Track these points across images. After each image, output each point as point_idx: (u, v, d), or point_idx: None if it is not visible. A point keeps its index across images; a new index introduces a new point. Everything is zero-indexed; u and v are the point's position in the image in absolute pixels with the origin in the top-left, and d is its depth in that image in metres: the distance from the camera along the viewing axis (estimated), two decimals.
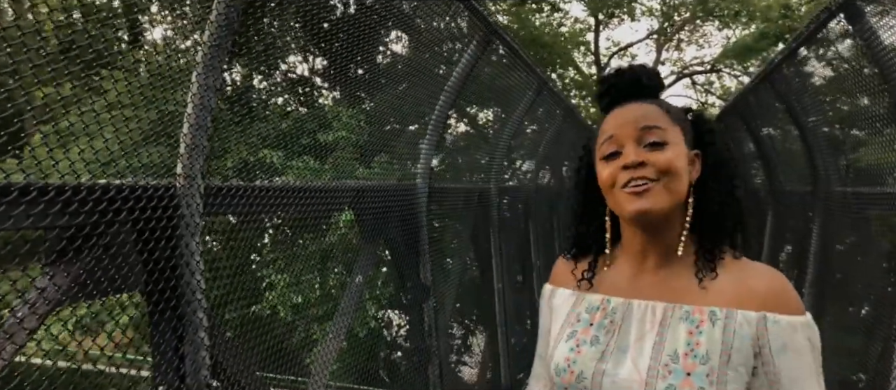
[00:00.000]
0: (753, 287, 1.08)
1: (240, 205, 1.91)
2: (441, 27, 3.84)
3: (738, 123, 7.15)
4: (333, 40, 3.70)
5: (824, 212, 4.48)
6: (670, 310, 1.11)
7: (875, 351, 3.47)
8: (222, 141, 3.31)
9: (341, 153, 3.87)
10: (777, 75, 4.68)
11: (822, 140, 4.38)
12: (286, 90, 3.93)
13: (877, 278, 3.48)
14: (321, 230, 2.85)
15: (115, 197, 1.55)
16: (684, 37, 20.65)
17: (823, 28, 3.31)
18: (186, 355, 1.68)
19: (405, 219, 3.64)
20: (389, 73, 3.83)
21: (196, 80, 1.63)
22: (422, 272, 3.76)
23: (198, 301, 1.69)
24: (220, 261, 2.05)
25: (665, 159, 1.10)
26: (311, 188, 2.31)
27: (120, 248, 1.60)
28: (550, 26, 18.21)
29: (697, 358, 1.04)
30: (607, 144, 1.16)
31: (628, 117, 1.16)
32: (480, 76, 4.31)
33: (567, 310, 1.25)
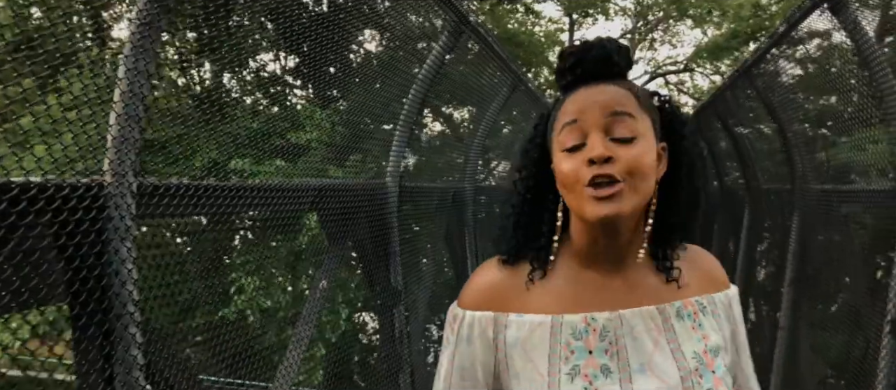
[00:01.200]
0: (706, 269, 1.10)
1: (181, 206, 1.71)
2: (412, 20, 3.68)
3: (714, 121, 7.12)
4: (299, 37, 3.51)
5: (803, 210, 4.42)
6: (664, 311, 1.02)
7: (859, 349, 3.41)
8: (191, 139, 3.11)
9: (313, 153, 3.69)
10: (757, 70, 4.60)
11: (800, 136, 4.31)
12: (244, 88, 3.73)
13: (857, 277, 3.41)
14: (279, 231, 2.66)
15: (33, 196, 1.35)
16: (658, 36, 20.80)
17: (805, 18, 3.22)
18: (116, 375, 1.48)
19: (374, 221, 3.46)
20: (357, 69, 3.66)
21: (124, 64, 1.44)
22: (392, 276, 3.59)
23: (129, 314, 1.50)
24: (164, 266, 1.86)
25: (635, 156, 0.95)
26: (265, 187, 2.12)
27: (39, 255, 1.40)
28: (526, 27, 18.17)
29: (712, 352, 1.01)
30: (570, 132, 0.99)
31: (596, 101, 0.98)
32: (453, 74, 4.15)
33: (546, 342, 1.01)
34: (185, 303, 2.16)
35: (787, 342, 4.56)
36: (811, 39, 3.51)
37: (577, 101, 1.01)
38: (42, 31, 1.61)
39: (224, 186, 1.90)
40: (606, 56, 1.01)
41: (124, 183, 1.49)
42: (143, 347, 1.54)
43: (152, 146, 2.99)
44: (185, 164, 3.05)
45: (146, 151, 2.67)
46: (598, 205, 0.94)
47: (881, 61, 2.58)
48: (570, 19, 20.04)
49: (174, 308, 1.94)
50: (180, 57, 3.65)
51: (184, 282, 2.42)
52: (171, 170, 3.09)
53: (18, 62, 1.59)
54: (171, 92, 3.38)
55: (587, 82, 1.02)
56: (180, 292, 2.07)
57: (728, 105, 6.02)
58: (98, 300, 1.41)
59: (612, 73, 1.02)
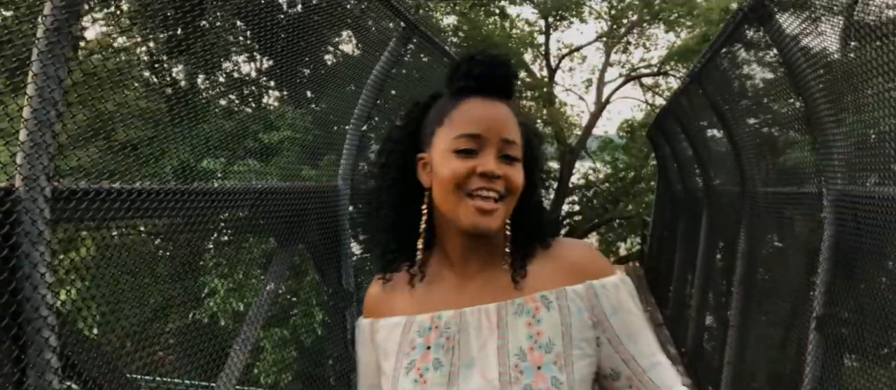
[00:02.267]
0: (569, 260, 1.10)
1: (102, 210, 1.74)
2: (362, 25, 3.72)
3: (674, 125, 7.25)
4: (252, 39, 3.53)
5: (751, 212, 4.54)
6: (503, 309, 1.06)
7: (793, 343, 3.53)
8: (160, 142, 3.11)
9: (282, 157, 3.71)
10: (704, 77, 4.72)
11: (746, 140, 4.43)
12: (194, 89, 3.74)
13: (794, 276, 3.52)
14: (217, 236, 2.68)
15: None
16: (632, 39, 21.03)
17: (739, 29, 3.32)
18: (28, 380, 1.50)
19: (325, 223, 3.49)
20: (308, 73, 3.69)
21: (33, 70, 1.46)
22: (344, 277, 3.63)
23: (42, 318, 1.52)
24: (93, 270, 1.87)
25: (517, 179, 1.06)
26: (199, 191, 2.15)
27: None
28: (502, 29, 18.28)
29: (542, 347, 1.03)
30: (468, 140, 1.04)
31: (496, 120, 1.06)
32: (404, 75, 4.20)
33: (397, 340, 1.11)
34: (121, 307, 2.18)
35: (737, 340, 4.68)
36: (746, 48, 3.62)
37: (481, 113, 1.06)
38: None
39: (151, 190, 1.93)
40: (507, 76, 1.11)
41: (36, 187, 1.51)
42: (58, 351, 1.56)
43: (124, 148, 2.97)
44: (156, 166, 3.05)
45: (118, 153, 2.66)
46: (478, 216, 1.03)
47: (804, 70, 2.68)
48: (546, 22, 20.22)
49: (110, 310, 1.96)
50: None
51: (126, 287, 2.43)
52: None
53: None
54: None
55: (483, 95, 1.08)
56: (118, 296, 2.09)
57: (684, 110, 6.15)
58: (5, 305, 1.43)
59: (508, 92, 1.11)
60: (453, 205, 1.05)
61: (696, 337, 6.57)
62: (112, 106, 2.71)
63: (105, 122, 2.66)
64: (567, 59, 21.54)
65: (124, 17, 2.97)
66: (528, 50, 19.98)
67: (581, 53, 21.55)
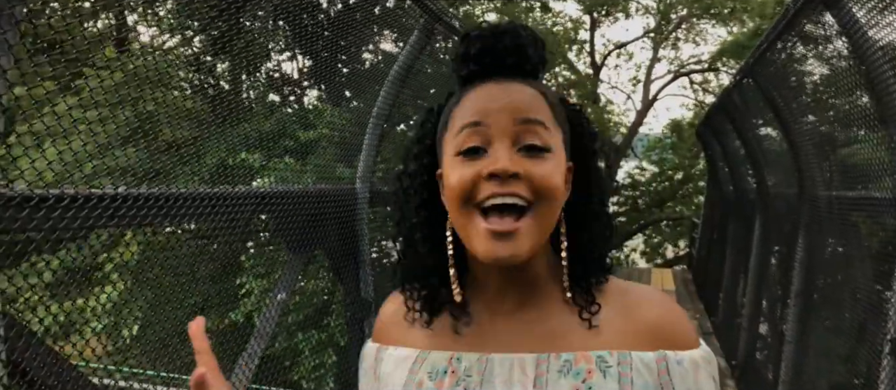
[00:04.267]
0: (643, 318, 0.84)
1: (66, 219, 1.56)
2: (384, 18, 3.53)
3: (725, 123, 6.82)
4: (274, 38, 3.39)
5: (810, 217, 4.13)
6: (545, 363, 0.81)
7: (862, 366, 3.16)
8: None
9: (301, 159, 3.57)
10: (758, 71, 4.33)
11: (805, 139, 4.03)
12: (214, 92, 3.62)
13: (863, 290, 3.14)
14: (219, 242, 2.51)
15: None
16: (681, 34, 20.32)
17: (800, 15, 2.96)
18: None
19: (343, 228, 3.29)
20: (329, 69, 3.51)
21: None
22: (362, 286, 3.42)
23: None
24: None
25: (545, 174, 0.78)
26: (183, 195, 1.95)
27: None
28: (544, 25, 17.90)
29: None
30: (469, 134, 0.80)
31: (506, 101, 0.80)
32: (430, 72, 3.98)
33: (402, 379, 0.87)
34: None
35: (794, 357, 4.28)
36: (809, 38, 3.25)
37: (481, 99, 0.82)
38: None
39: (126, 195, 1.74)
40: (520, 47, 0.84)
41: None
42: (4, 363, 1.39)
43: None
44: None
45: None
46: (492, 243, 0.78)
47: (878, 60, 2.32)
48: (591, 18, 19.72)
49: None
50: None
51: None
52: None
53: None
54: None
55: (493, 77, 0.84)
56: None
57: (736, 106, 5.73)
58: None
59: (524, 69, 0.85)
60: (464, 228, 0.81)
61: (748, 349, 6.14)
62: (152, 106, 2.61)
63: (145, 122, 2.55)
64: (613, 55, 20.99)
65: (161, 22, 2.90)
66: (572, 47, 19.56)
67: (627, 50, 20.96)
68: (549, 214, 0.80)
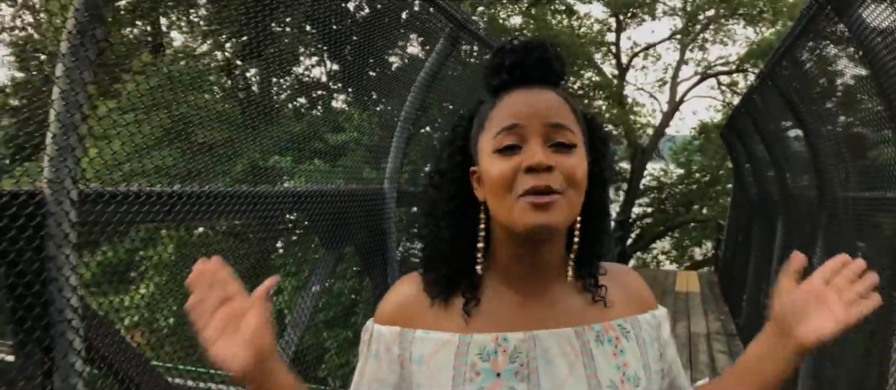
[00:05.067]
0: (632, 289, 1.05)
1: (132, 214, 1.76)
2: (410, 24, 3.68)
3: (748, 124, 6.84)
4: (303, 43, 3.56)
5: (828, 218, 4.19)
6: (582, 335, 0.96)
7: (875, 362, 3.22)
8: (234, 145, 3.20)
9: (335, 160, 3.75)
10: (777, 74, 4.39)
11: (824, 141, 4.09)
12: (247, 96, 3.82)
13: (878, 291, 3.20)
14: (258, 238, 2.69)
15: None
16: (709, 36, 20.14)
17: (814, 22, 3.05)
18: (53, 383, 1.53)
19: (371, 226, 3.47)
20: (358, 74, 3.68)
21: (62, 74, 1.49)
22: (389, 281, 3.59)
23: (67, 321, 1.55)
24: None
25: (575, 165, 0.91)
26: (229, 194, 2.15)
27: None
28: (571, 27, 17.91)
29: (631, 381, 0.96)
30: (506, 135, 0.92)
31: (537, 106, 0.93)
32: (455, 75, 4.13)
33: (450, 363, 0.94)
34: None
35: (812, 358, 4.33)
36: (824, 42, 3.32)
37: (515, 103, 0.95)
38: None
39: (183, 193, 1.94)
40: (546, 60, 0.97)
41: (62, 190, 1.53)
42: (82, 353, 1.58)
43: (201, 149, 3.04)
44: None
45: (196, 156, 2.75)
46: (533, 213, 0.89)
47: (890, 66, 2.41)
48: (617, 20, 19.67)
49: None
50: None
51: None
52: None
53: None
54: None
55: (524, 85, 0.96)
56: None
57: (758, 108, 5.77)
58: (28, 307, 1.46)
59: (549, 78, 0.98)
60: (507, 211, 0.91)
61: None
62: (188, 109, 2.79)
63: (185, 125, 2.74)
64: (639, 57, 20.90)
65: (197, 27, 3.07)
66: (598, 49, 19.52)
67: (654, 51, 20.84)
68: (577, 200, 0.93)
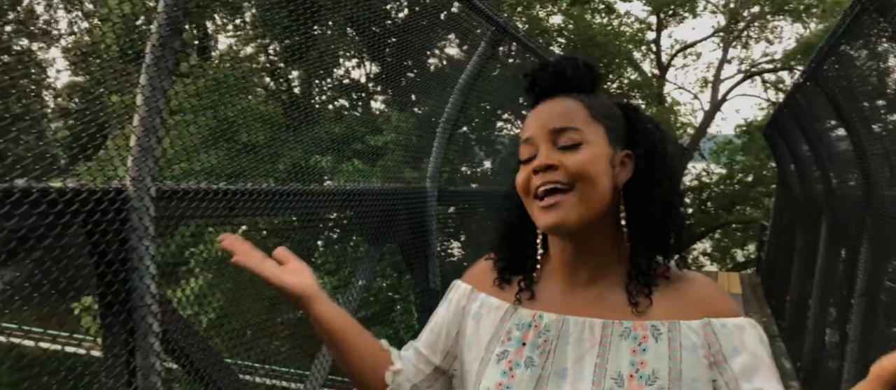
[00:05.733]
0: (693, 296, 1.02)
1: (201, 209, 1.92)
2: (451, 27, 3.79)
3: (791, 124, 6.74)
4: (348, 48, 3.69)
5: (875, 218, 4.13)
6: (609, 328, 1.01)
7: None
8: (275, 145, 3.39)
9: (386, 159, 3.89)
10: (821, 73, 4.35)
11: (871, 141, 4.03)
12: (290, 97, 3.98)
13: None
14: (310, 234, 2.84)
15: (64, 200, 1.58)
16: (753, 33, 19.71)
17: (857, 21, 3.04)
18: (135, 361, 1.70)
19: (413, 223, 3.60)
20: (401, 76, 3.81)
21: (141, 81, 1.65)
22: (430, 277, 3.72)
23: (147, 306, 1.71)
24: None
25: (576, 161, 0.99)
26: (287, 191, 2.30)
27: (74, 252, 1.63)
28: (611, 26, 17.78)
29: (643, 379, 0.97)
30: (524, 147, 1.06)
31: (543, 117, 1.05)
32: (495, 76, 4.22)
33: (494, 325, 1.10)
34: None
35: (857, 356, 4.28)
36: (868, 41, 3.30)
37: (531, 119, 1.08)
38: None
39: (242, 190, 2.09)
40: (559, 71, 1.08)
41: (143, 187, 1.70)
42: (159, 335, 1.75)
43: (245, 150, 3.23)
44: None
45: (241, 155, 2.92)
46: (545, 214, 1.00)
47: None
48: (658, 18, 19.42)
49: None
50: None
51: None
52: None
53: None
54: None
55: (545, 99, 1.08)
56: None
57: (801, 107, 5.69)
58: (115, 293, 1.62)
59: (567, 86, 1.07)
60: (531, 214, 1.05)
61: (814, 351, 6.06)
62: (234, 112, 2.95)
63: (229, 127, 2.91)
64: (680, 56, 20.59)
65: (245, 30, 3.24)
66: (637, 48, 19.30)
67: (695, 50, 20.49)
68: (591, 191, 0.99)
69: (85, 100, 6.01)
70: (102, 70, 5.55)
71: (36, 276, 1.53)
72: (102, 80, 5.40)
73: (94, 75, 5.99)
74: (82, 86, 7.63)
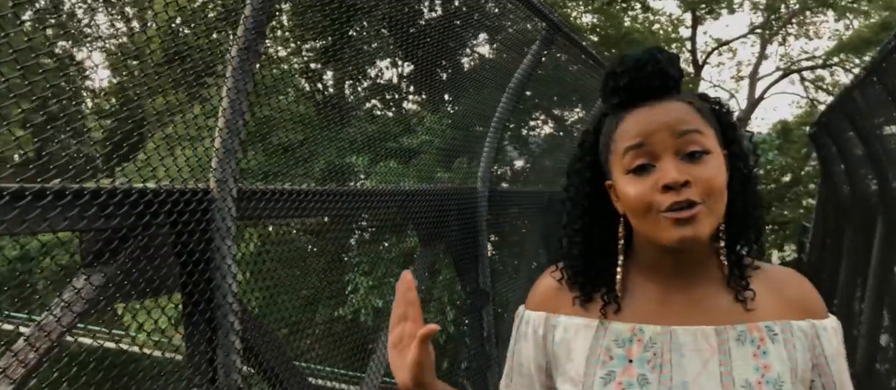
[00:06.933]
0: (791, 294, 1.00)
1: (276, 210, 1.93)
2: (505, 28, 3.77)
3: (844, 123, 6.55)
4: (405, 49, 3.70)
5: None
6: (723, 333, 0.95)
7: None
8: (311, 144, 3.41)
9: (421, 158, 3.89)
10: (886, 70, 4.21)
11: None
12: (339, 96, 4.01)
13: None
14: (374, 233, 2.86)
15: (150, 200, 1.61)
16: (792, 29, 19.26)
17: None
18: (217, 358, 1.72)
19: (464, 224, 3.59)
20: (453, 77, 3.81)
21: (227, 85, 1.66)
22: (480, 277, 3.70)
23: (229, 304, 1.73)
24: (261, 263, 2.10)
25: (711, 176, 0.92)
26: (352, 192, 2.31)
27: (157, 251, 1.66)
28: (643, 24, 17.54)
29: (771, 383, 0.93)
30: (634, 154, 0.94)
31: (661, 121, 0.94)
32: (550, 76, 4.19)
33: (587, 345, 1.01)
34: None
35: None
36: None
37: (639, 123, 0.96)
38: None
39: (311, 190, 2.11)
40: (662, 70, 0.97)
41: (226, 188, 1.72)
42: (240, 333, 1.77)
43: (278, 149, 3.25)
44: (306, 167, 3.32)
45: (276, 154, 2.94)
46: (677, 228, 0.92)
47: None
48: (693, 15, 19.10)
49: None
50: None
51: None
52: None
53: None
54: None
55: (643, 100, 0.98)
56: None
57: (858, 106, 5.52)
58: (202, 291, 1.64)
59: (668, 86, 0.98)
60: (651, 229, 0.95)
61: (868, 357, 5.88)
62: (270, 111, 2.96)
63: (268, 127, 2.93)
64: (715, 53, 20.22)
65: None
66: (672, 45, 19.00)
67: (731, 47, 20.11)
68: (719, 207, 0.94)
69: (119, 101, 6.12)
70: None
71: (127, 274, 1.55)
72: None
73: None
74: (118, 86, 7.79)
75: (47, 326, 1.46)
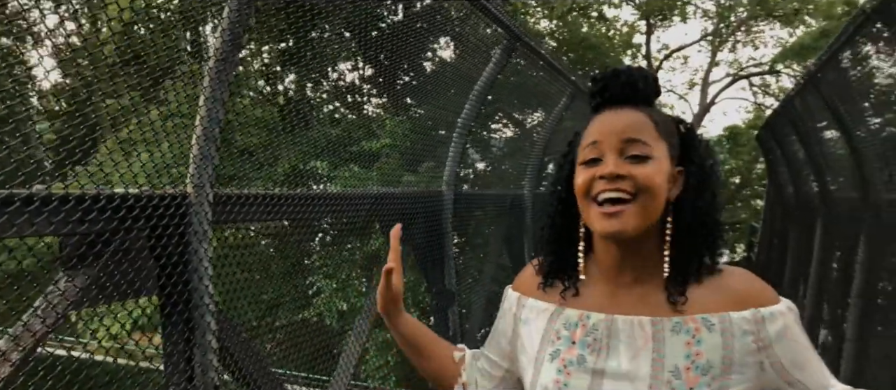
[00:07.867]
0: (736, 289, 1.08)
1: (250, 213, 2.00)
2: (467, 34, 3.89)
3: (787, 128, 6.91)
4: (368, 52, 3.77)
5: (872, 221, 4.28)
6: (659, 324, 1.06)
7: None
8: (274, 149, 3.44)
9: (384, 162, 3.97)
10: (820, 79, 4.50)
11: (869, 145, 4.18)
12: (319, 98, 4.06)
13: None
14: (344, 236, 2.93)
15: (130, 205, 1.66)
16: (740, 37, 20.04)
17: (861, 31, 3.17)
18: (195, 357, 1.77)
19: (430, 226, 3.69)
20: (416, 83, 3.90)
21: (203, 93, 1.73)
22: (446, 278, 3.81)
23: (206, 305, 1.79)
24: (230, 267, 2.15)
25: (645, 174, 1.05)
26: (323, 195, 2.39)
27: (135, 254, 1.71)
28: (599, 30, 17.99)
29: (699, 369, 1.02)
30: (589, 149, 1.10)
31: (615, 125, 1.09)
32: (509, 83, 4.33)
33: (542, 326, 1.17)
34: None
35: (854, 355, 4.43)
36: (871, 49, 3.44)
37: (600, 123, 1.11)
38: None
39: (285, 195, 2.18)
40: (631, 82, 1.12)
41: (203, 193, 1.78)
42: (216, 334, 1.82)
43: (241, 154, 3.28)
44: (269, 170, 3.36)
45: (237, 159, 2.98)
46: (605, 221, 1.06)
47: None
48: (647, 23, 19.68)
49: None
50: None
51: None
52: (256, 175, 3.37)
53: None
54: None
55: (612, 106, 1.12)
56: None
57: (798, 112, 5.85)
58: (180, 292, 1.70)
59: (636, 98, 1.12)
60: (587, 215, 1.10)
61: None
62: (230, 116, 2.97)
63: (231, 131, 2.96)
64: (668, 59, 20.87)
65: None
66: (625, 52, 19.54)
67: (683, 53, 20.79)
68: (651, 203, 1.05)
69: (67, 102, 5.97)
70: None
71: (109, 276, 1.60)
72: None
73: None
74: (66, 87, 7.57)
75: (31, 327, 1.50)
